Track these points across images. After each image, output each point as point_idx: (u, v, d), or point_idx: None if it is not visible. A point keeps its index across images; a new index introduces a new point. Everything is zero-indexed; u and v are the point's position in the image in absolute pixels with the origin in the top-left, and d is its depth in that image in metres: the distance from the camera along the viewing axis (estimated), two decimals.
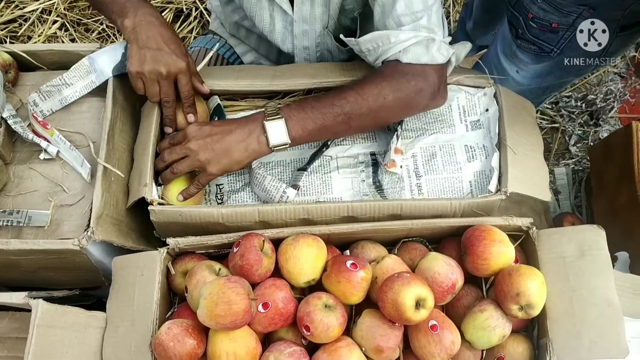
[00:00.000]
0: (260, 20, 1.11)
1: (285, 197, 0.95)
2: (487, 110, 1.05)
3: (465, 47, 1.02)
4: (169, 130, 1.01)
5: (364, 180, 1.01)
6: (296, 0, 1.04)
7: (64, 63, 1.05)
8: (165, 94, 0.96)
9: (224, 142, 0.91)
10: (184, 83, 0.97)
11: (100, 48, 1.03)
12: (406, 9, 0.92)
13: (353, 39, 0.98)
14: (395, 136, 1.00)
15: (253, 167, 0.98)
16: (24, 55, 1.05)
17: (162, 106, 0.99)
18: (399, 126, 1.01)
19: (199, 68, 1.02)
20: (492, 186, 0.95)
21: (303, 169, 1.01)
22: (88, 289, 1.08)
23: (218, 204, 1.03)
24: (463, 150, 1.02)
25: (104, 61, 1.01)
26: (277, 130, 0.91)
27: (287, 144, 0.92)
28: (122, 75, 1.04)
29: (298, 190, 0.98)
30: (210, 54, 1.10)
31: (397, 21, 0.93)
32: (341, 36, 1.02)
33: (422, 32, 0.93)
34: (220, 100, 1.05)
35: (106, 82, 1.02)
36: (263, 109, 0.93)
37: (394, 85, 0.93)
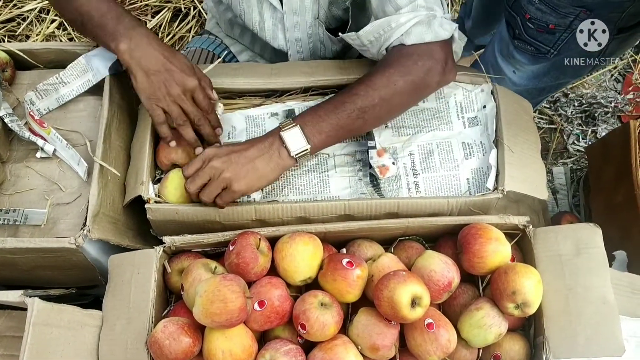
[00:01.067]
0: (250, 18, 1.11)
1: (251, 199, 0.95)
2: (484, 107, 1.05)
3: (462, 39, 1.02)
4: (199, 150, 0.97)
5: (361, 179, 1.01)
6: None
7: (60, 62, 1.06)
8: (190, 112, 0.94)
9: (247, 155, 0.88)
10: (201, 98, 0.94)
11: (96, 47, 1.03)
12: None
13: (353, 33, 0.98)
14: (367, 150, 0.99)
15: None
16: (21, 53, 1.06)
17: (196, 126, 0.95)
18: (370, 140, 1.00)
19: (205, 71, 1.01)
20: (490, 183, 0.95)
21: None
22: (85, 288, 1.08)
23: None
24: (460, 147, 1.02)
25: (100, 60, 1.01)
26: (294, 139, 0.90)
27: (307, 150, 0.90)
28: (118, 74, 1.04)
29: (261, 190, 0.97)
30: (218, 60, 1.08)
31: (395, 5, 0.93)
32: (340, 34, 1.02)
33: (421, 12, 0.93)
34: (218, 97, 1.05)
35: (103, 80, 1.02)
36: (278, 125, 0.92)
37: (401, 70, 0.93)
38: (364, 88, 0.92)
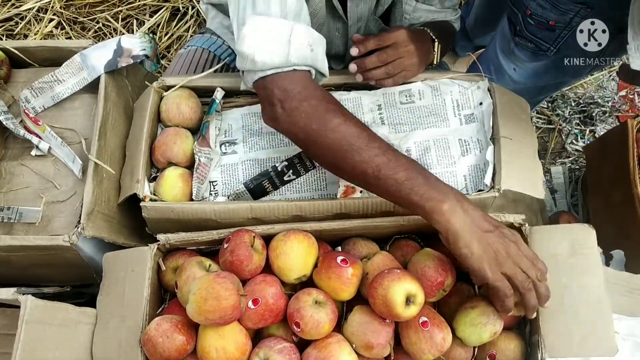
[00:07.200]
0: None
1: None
2: (480, 103, 1.04)
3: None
4: None
5: None
6: (350, 5, 1.03)
7: (56, 60, 1.06)
8: (529, 270, 0.78)
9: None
10: (525, 247, 0.80)
11: (92, 45, 1.03)
12: None
13: None
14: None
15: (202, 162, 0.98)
16: (16, 51, 1.06)
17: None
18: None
19: (201, 75, 1.01)
20: (488, 179, 0.95)
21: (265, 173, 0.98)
22: (81, 287, 1.08)
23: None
24: (457, 144, 1.02)
25: (96, 58, 1.01)
26: None
27: None
28: (113, 72, 1.03)
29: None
30: (219, 65, 1.06)
31: None
32: None
33: None
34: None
35: (98, 78, 1.02)
36: None
37: None
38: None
